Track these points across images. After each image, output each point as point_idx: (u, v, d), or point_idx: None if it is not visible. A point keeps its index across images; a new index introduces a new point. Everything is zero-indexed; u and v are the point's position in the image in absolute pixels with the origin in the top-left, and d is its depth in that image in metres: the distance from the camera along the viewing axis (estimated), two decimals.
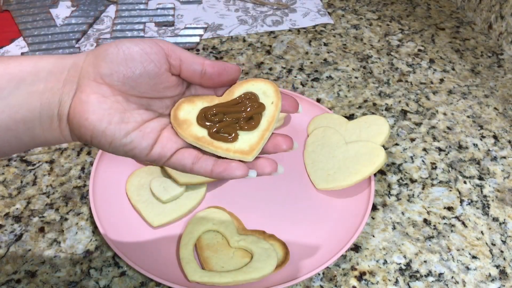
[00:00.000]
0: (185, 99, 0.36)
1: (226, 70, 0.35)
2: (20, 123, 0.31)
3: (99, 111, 0.32)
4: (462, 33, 0.79)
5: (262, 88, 0.36)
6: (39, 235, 0.48)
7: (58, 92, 0.32)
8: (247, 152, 0.33)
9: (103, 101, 0.32)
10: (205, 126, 0.34)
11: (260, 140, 0.34)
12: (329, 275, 0.46)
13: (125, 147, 0.33)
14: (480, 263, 0.47)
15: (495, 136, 0.61)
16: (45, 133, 0.33)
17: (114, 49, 0.32)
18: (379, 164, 0.50)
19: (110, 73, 0.32)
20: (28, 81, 0.31)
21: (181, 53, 0.34)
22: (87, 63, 0.33)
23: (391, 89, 0.67)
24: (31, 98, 0.31)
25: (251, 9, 0.82)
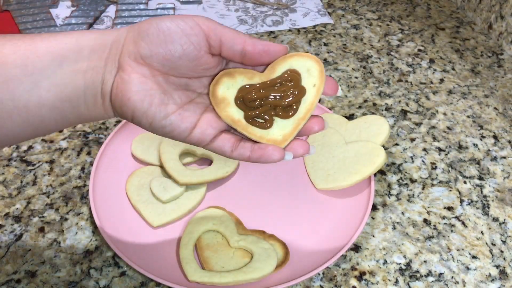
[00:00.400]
0: (224, 73, 0.34)
1: (268, 50, 0.33)
2: (66, 101, 0.32)
3: (140, 91, 0.32)
4: (462, 33, 0.79)
5: (306, 65, 0.33)
6: (39, 235, 0.48)
7: (101, 71, 0.32)
8: (280, 142, 0.33)
9: (144, 82, 0.32)
10: (242, 108, 0.34)
11: (294, 130, 0.33)
12: (329, 275, 0.46)
13: (164, 129, 0.33)
14: (480, 263, 0.47)
15: (495, 136, 0.61)
16: (90, 110, 0.33)
17: (155, 29, 0.32)
18: (379, 164, 0.50)
19: (150, 55, 0.32)
20: (71, 59, 0.31)
21: (222, 33, 0.33)
22: (128, 41, 0.32)
23: (391, 89, 0.67)
24: (75, 77, 0.32)
25: (251, 9, 0.82)
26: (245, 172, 0.54)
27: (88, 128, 0.59)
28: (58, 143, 0.57)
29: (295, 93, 0.33)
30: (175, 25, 0.32)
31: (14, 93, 0.30)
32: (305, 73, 0.33)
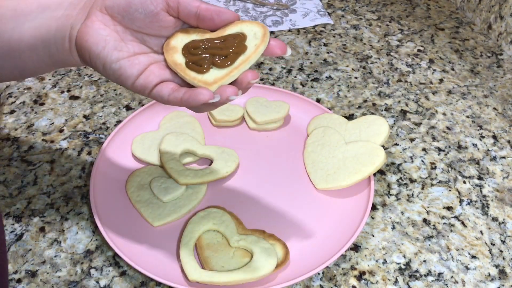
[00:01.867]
0: (182, 30, 0.38)
1: (220, 12, 0.37)
2: (39, 40, 0.38)
3: (97, 36, 0.36)
4: (461, 33, 0.79)
5: (253, 30, 0.37)
6: (39, 234, 0.48)
7: (72, 18, 0.37)
8: (210, 83, 0.36)
9: (103, 28, 0.36)
10: (185, 55, 0.37)
11: (226, 76, 0.36)
12: (328, 274, 0.46)
13: (114, 73, 0.36)
14: (479, 263, 0.47)
15: (494, 136, 0.61)
16: (59, 52, 0.38)
17: None
18: (379, 164, 0.50)
19: (112, 6, 0.36)
20: (52, 8, 0.38)
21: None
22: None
23: (390, 89, 0.68)
24: (50, 21, 0.37)
25: (251, 10, 0.83)
26: (245, 172, 0.54)
27: (89, 128, 0.59)
28: (59, 143, 0.57)
29: (235, 48, 0.37)
30: None
31: (1, 29, 0.38)
32: (251, 36, 0.37)
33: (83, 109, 0.62)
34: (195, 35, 0.38)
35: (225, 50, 0.37)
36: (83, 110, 0.62)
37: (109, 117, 0.61)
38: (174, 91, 0.36)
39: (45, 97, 0.64)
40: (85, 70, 0.69)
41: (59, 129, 0.59)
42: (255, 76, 0.36)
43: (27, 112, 0.62)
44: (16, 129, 0.59)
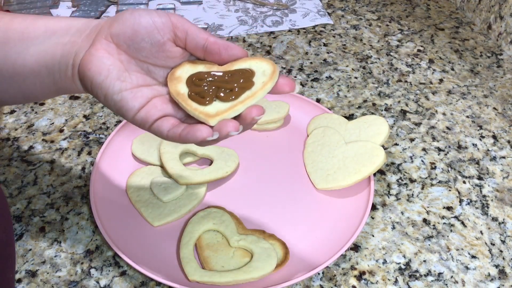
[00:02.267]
0: (188, 61, 0.38)
1: (228, 49, 0.36)
2: (43, 67, 0.37)
3: (100, 64, 0.35)
4: (461, 33, 0.79)
5: (263, 67, 0.36)
6: (39, 234, 0.48)
7: (77, 45, 0.37)
8: (212, 115, 0.34)
9: (107, 57, 0.35)
10: (189, 86, 0.36)
11: (229, 109, 0.34)
12: (328, 274, 0.46)
13: (115, 104, 0.35)
14: (479, 263, 0.47)
15: (494, 136, 0.61)
16: (62, 79, 0.37)
17: (129, 14, 0.36)
18: (379, 164, 0.50)
19: (117, 34, 0.35)
20: (59, 33, 0.37)
21: (189, 27, 0.36)
22: (106, 23, 0.36)
23: (390, 89, 0.68)
24: (55, 47, 0.37)
25: (251, 10, 0.83)
26: (245, 172, 0.54)
27: (89, 128, 0.59)
28: (59, 143, 0.57)
29: (242, 83, 0.35)
30: (146, 13, 0.36)
31: (8, 53, 0.37)
32: (260, 73, 0.36)
33: (83, 109, 0.62)
34: (201, 67, 0.37)
35: (231, 84, 0.35)
36: (83, 110, 0.62)
37: (109, 117, 0.61)
38: (174, 127, 0.35)
39: None
40: None
41: (59, 129, 0.59)
42: (260, 112, 0.34)
43: (27, 112, 0.62)
44: (16, 129, 0.59)
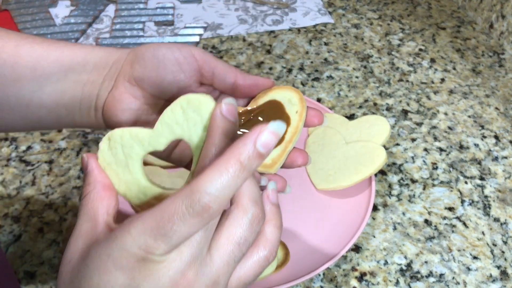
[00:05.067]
0: None
1: (258, 84, 0.35)
2: (63, 107, 0.35)
3: (128, 110, 0.34)
4: (463, 32, 0.79)
5: (287, 96, 0.35)
6: (38, 235, 0.48)
7: (98, 86, 0.34)
8: (270, 165, 0.33)
9: (133, 102, 0.34)
10: None
11: (283, 153, 0.33)
12: (329, 275, 0.45)
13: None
14: (481, 264, 0.47)
15: (496, 136, 0.61)
16: (83, 119, 0.36)
17: (150, 54, 0.33)
18: (380, 164, 0.50)
19: (141, 78, 0.33)
20: (76, 71, 0.34)
21: (216, 66, 0.34)
22: (126, 62, 0.34)
23: (391, 89, 0.67)
24: (75, 87, 0.34)
25: (251, 9, 0.82)
26: None
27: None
28: (57, 143, 0.57)
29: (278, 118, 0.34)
30: (170, 53, 0.33)
31: (20, 91, 0.33)
32: (287, 103, 0.35)
33: None
34: None
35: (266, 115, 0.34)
36: None
37: None
38: None
39: None
40: None
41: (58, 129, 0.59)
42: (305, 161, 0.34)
43: None
44: None
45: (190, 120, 0.29)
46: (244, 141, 0.23)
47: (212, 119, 0.27)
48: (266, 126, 0.23)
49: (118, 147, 0.29)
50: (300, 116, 0.34)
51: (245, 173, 0.23)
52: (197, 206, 0.22)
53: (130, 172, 0.29)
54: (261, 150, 0.23)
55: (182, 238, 0.23)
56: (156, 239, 0.22)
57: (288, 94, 0.35)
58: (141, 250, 0.22)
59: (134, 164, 0.29)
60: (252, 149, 0.23)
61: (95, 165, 0.29)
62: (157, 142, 0.29)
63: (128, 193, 0.29)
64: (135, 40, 0.73)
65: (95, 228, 0.26)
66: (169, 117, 0.29)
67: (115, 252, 0.23)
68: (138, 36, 0.74)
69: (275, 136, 0.23)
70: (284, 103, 0.35)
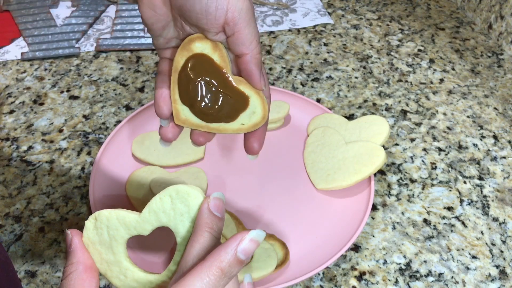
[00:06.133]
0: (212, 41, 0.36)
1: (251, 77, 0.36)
2: None
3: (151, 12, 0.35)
4: (462, 33, 0.79)
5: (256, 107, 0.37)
6: (39, 235, 0.48)
7: None
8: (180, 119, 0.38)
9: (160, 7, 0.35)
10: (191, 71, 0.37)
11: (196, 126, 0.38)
12: (329, 275, 0.46)
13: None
14: (480, 263, 0.47)
15: (495, 136, 0.61)
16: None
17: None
18: (379, 164, 0.50)
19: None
20: None
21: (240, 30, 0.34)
22: None
23: (391, 89, 0.67)
24: None
25: None
26: (245, 172, 0.54)
27: (88, 128, 0.59)
28: (58, 143, 0.57)
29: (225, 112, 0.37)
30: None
31: None
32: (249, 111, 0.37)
33: (83, 109, 0.62)
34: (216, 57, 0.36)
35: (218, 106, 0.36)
36: (83, 110, 0.62)
37: (109, 117, 0.61)
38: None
39: (44, 97, 0.64)
40: (84, 70, 0.69)
41: (59, 129, 0.59)
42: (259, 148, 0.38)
43: (27, 112, 0.61)
44: (15, 129, 0.59)
45: (177, 211, 0.30)
46: (226, 249, 0.25)
47: (200, 214, 0.29)
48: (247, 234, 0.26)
49: (104, 228, 0.30)
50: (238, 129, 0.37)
51: (225, 279, 0.25)
52: None
53: (113, 253, 0.30)
54: (241, 257, 0.25)
55: None
56: None
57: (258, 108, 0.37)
58: None
59: (118, 246, 0.30)
60: (234, 256, 0.25)
61: (79, 245, 0.29)
62: (142, 228, 0.30)
63: (108, 273, 0.30)
64: (136, 40, 0.73)
65: None
66: (157, 205, 0.30)
67: None
68: (139, 37, 0.74)
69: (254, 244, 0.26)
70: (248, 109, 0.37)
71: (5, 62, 0.70)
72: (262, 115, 0.37)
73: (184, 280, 0.25)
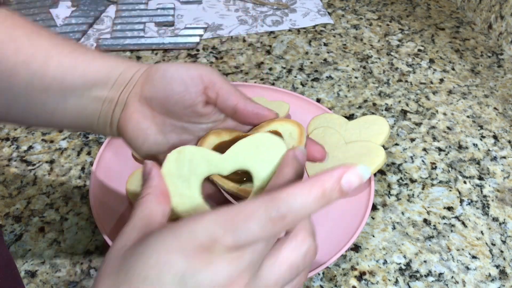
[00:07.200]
0: (214, 131, 0.37)
1: (259, 113, 0.36)
2: (84, 119, 0.37)
3: (137, 129, 0.36)
4: (462, 33, 0.79)
5: (289, 129, 0.36)
6: (39, 235, 0.48)
7: (113, 104, 0.36)
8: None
9: (142, 121, 0.36)
10: None
11: None
12: (329, 275, 0.46)
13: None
14: (480, 263, 0.47)
15: (495, 136, 0.61)
16: (100, 130, 0.38)
17: (160, 74, 0.35)
18: (379, 164, 0.50)
19: (150, 97, 0.35)
20: (99, 87, 0.36)
21: (221, 87, 0.35)
22: (139, 82, 0.36)
23: (391, 89, 0.67)
24: (96, 104, 0.36)
25: (251, 9, 0.82)
26: None
27: None
28: (58, 143, 0.57)
29: None
30: (177, 74, 0.35)
31: (46, 101, 0.35)
32: (286, 136, 0.35)
33: None
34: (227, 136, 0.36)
35: None
36: None
37: None
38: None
39: None
40: None
41: None
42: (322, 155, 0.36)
43: None
44: (15, 129, 0.59)
45: (260, 156, 0.30)
46: (331, 173, 0.24)
47: (286, 157, 0.29)
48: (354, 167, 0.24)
49: (186, 162, 0.31)
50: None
51: (323, 201, 0.24)
52: (274, 213, 0.23)
53: (190, 187, 0.31)
54: (344, 186, 0.24)
55: (249, 238, 0.23)
56: (226, 231, 0.23)
57: (290, 127, 0.36)
58: (208, 239, 0.23)
59: (195, 181, 0.31)
60: (337, 182, 0.24)
61: (158, 173, 0.30)
62: (223, 167, 0.31)
63: (180, 206, 0.30)
64: (136, 40, 0.73)
65: (150, 226, 0.27)
66: (241, 148, 0.31)
67: (184, 234, 0.23)
68: (139, 37, 0.74)
69: (359, 178, 0.24)
70: (284, 135, 0.35)
71: None
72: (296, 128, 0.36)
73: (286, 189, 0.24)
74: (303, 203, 0.23)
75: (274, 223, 0.23)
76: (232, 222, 0.23)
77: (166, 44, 0.73)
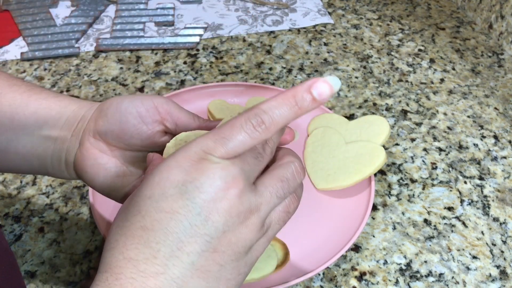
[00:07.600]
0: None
1: None
2: (36, 158, 0.36)
3: (96, 166, 0.35)
4: (462, 33, 0.79)
5: None
6: (38, 235, 0.48)
7: (67, 142, 0.36)
8: None
9: (100, 157, 0.35)
10: None
11: None
12: (329, 275, 0.46)
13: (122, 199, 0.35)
14: (480, 263, 0.47)
15: (495, 136, 0.61)
16: (55, 171, 0.37)
17: (114, 108, 0.35)
18: (379, 164, 0.50)
19: (105, 132, 0.35)
20: (50, 125, 0.35)
21: (178, 117, 0.36)
22: (92, 117, 0.36)
23: (391, 89, 0.67)
24: (47, 142, 0.36)
25: (251, 9, 0.82)
26: None
27: None
28: None
29: None
30: (132, 106, 0.35)
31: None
32: None
33: None
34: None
35: None
36: None
37: None
38: None
39: None
40: (84, 69, 0.69)
41: None
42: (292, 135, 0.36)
43: None
44: None
45: None
46: (302, 84, 0.27)
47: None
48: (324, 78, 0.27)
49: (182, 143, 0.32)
50: None
51: (297, 109, 0.26)
52: (254, 119, 0.26)
53: None
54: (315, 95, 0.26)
55: (238, 146, 0.26)
56: (216, 142, 0.26)
57: None
58: (201, 151, 0.26)
59: None
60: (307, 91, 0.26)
61: (160, 157, 0.32)
62: None
63: None
64: (136, 40, 0.73)
65: None
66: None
67: (180, 155, 0.26)
68: (139, 37, 0.74)
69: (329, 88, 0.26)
70: None
71: (5, 62, 0.70)
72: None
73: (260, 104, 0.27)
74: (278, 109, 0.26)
75: (255, 128, 0.26)
76: (221, 135, 0.26)
77: (166, 44, 0.73)
